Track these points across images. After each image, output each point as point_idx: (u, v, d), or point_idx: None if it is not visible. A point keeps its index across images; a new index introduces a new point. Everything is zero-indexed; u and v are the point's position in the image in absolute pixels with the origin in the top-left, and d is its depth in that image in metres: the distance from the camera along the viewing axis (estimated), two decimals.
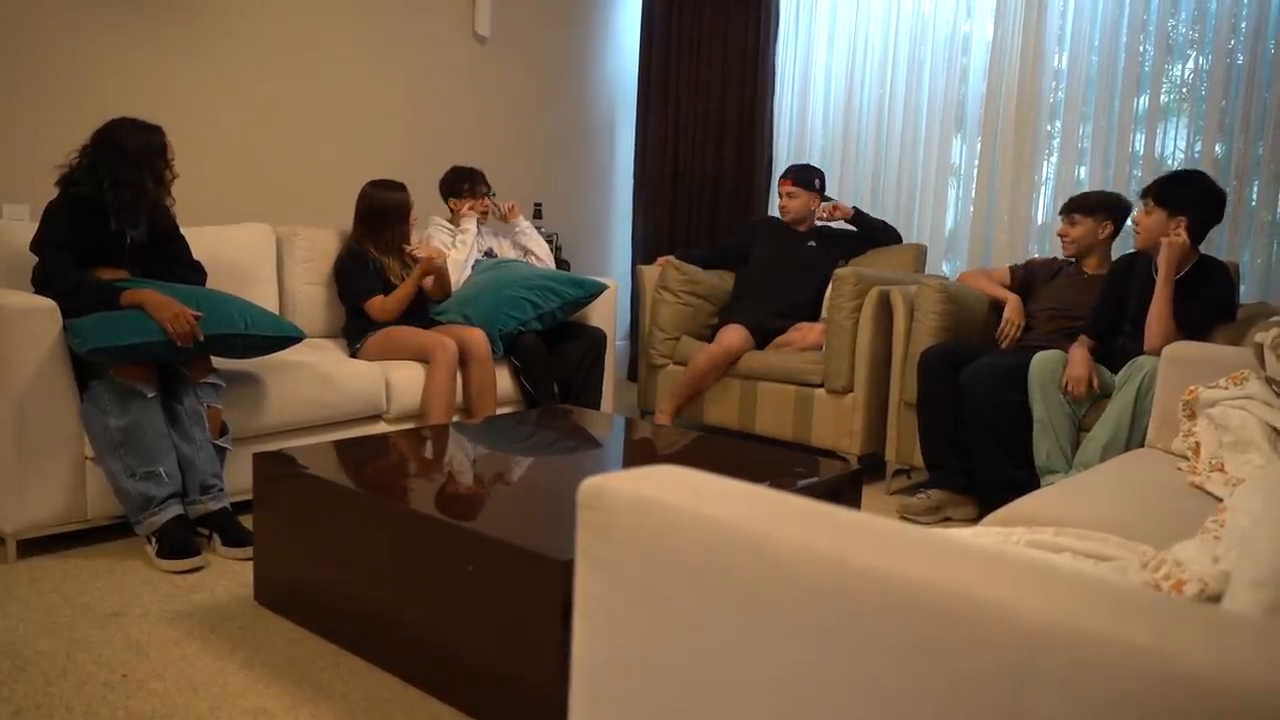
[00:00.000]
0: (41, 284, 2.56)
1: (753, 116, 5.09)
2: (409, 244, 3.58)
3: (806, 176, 4.14)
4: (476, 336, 3.39)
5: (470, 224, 3.89)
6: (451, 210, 3.99)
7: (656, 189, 5.38)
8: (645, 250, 5.35)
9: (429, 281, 3.59)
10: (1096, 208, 3.26)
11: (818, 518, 0.75)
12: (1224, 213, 2.92)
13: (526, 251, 4.05)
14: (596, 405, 3.76)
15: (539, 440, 2.62)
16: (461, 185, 3.94)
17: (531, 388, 3.55)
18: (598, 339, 3.77)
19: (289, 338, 2.76)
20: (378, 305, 3.45)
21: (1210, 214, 2.88)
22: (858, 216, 4.16)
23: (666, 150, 5.36)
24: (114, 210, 2.62)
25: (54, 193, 2.65)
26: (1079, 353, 2.94)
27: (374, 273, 3.48)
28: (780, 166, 5.02)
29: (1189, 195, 2.87)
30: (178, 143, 3.62)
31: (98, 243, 2.65)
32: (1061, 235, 3.33)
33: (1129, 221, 3.20)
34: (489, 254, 3.98)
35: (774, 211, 4.97)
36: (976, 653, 0.60)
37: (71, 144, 2.68)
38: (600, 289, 3.75)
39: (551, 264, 4.10)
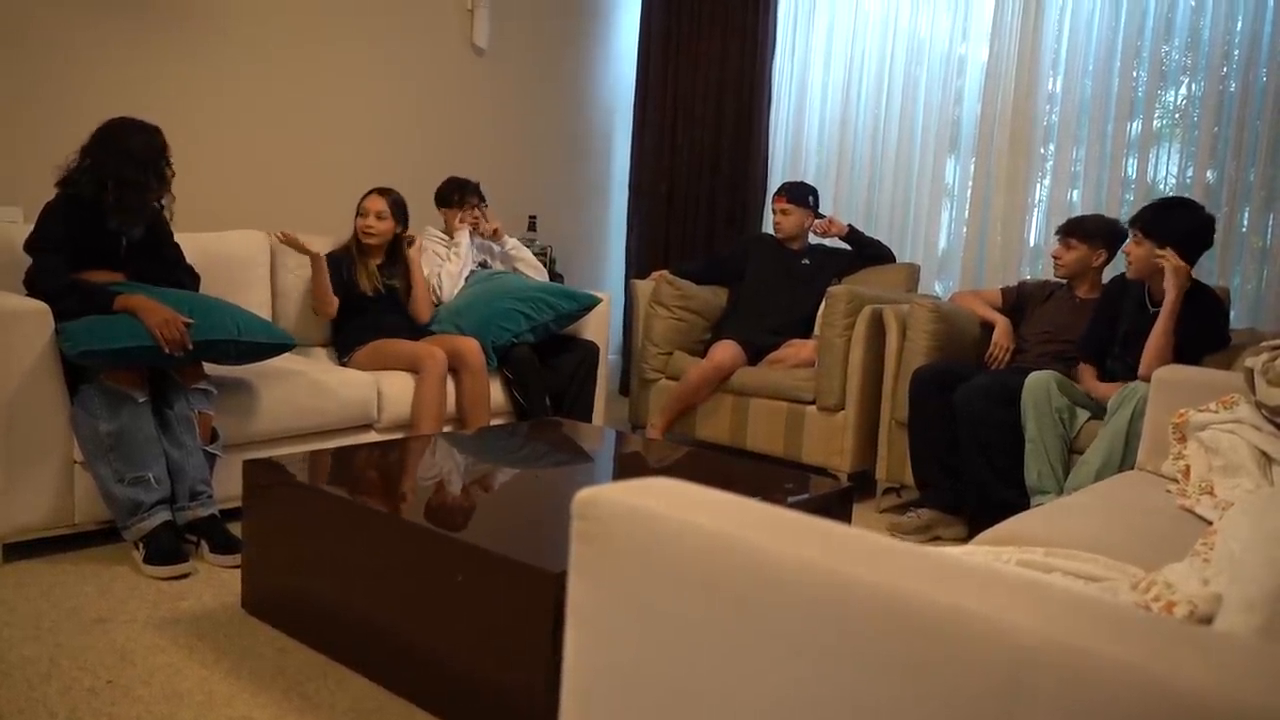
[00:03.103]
0: (34, 285, 2.55)
1: (749, 133, 5.10)
2: (374, 250, 3.58)
3: (800, 193, 4.16)
4: (471, 345, 3.39)
5: (463, 236, 3.89)
6: (445, 220, 3.99)
7: (651, 203, 5.39)
8: (639, 264, 5.36)
9: (420, 292, 3.61)
10: (1094, 235, 3.26)
11: (812, 532, 0.75)
12: (1213, 237, 2.93)
13: (516, 270, 4.04)
14: (588, 418, 3.76)
15: (530, 452, 2.62)
16: (452, 196, 3.95)
17: (524, 399, 3.55)
18: (590, 352, 3.77)
19: (281, 345, 2.75)
20: (319, 305, 3.46)
21: (1198, 240, 2.90)
22: (852, 234, 4.17)
23: (662, 165, 5.37)
24: (115, 211, 2.62)
25: (48, 194, 2.65)
26: (1098, 385, 2.98)
27: (341, 276, 3.47)
28: (775, 183, 5.03)
29: (1176, 224, 2.88)
30: (174, 150, 3.62)
31: (94, 245, 2.64)
32: (1055, 257, 3.33)
33: (1121, 251, 3.21)
34: (483, 265, 3.99)
35: (768, 228, 4.99)
36: (969, 668, 0.60)
37: (65, 148, 2.67)
38: (594, 302, 3.76)
39: (545, 279, 4.10)
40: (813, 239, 4.25)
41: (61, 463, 2.50)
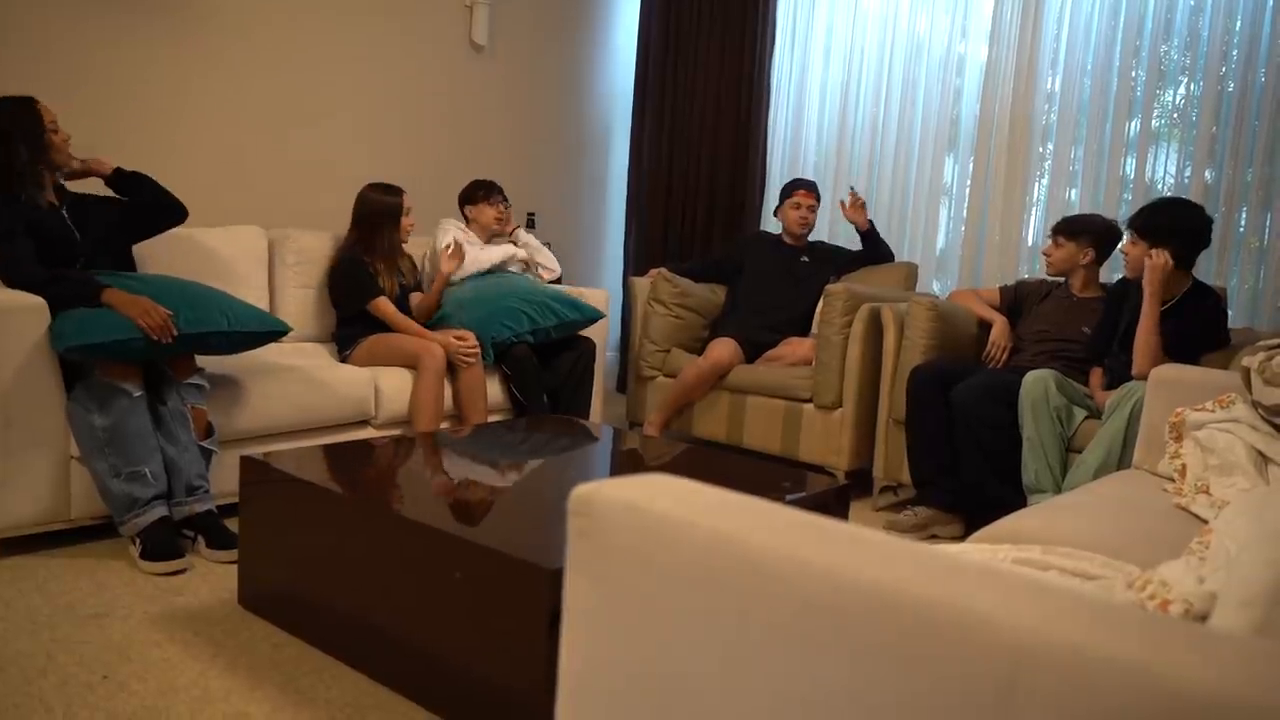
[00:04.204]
0: (12, 278, 2.52)
1: (748, 131, 5.10)
2: (402, 247, 3.61)
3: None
4: (466, 337, 3.40)
5: (447, 238, 3.86)
6: (466, 218, 4.00)
7: (650, 201, 5.39)
8: (637, 262, 5.36)
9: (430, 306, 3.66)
10: (1081, 232, 3.28)
11: (810, 529, 0.75)
12: (1210, 236, 2.93)
13: (530, 265, 4.05)
14: (586, 415, 3.76)
15: (527, 448, 2.62)
16: (477, 192, 3.98)
17: (522, 396, 3.56)
18: (587, 349, 3.77)
19: (273, 332, 2.74)
20: (389, 310, 3.44)
21: (1195, 240, 2.90)
22: (870, 230, 4.15)
23: (660, 162, 5.37)
24: (13, 190, 2.59)
25: None
26: (1100, 393, 2.98)
27: (359, 279, 3.48)
28: (774, 181, 5.03)
29: (1170, 224, 2.89)
30: (170, 146, 3.61)
31: (38, 221, 2.60)
32: (1045, 255, 3.36)
33: (1119, 251, 3.21)
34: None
35: (767, 225, 5.00)
36: (965, 665, 0.60)
37: None
38: (597, 316, 3.76)
39: (559, 271, 4.10)
40: (811, 237, 4.25)
41: (58, 458, 2.49)
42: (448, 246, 3.70)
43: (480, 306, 3.59)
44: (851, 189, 4.20)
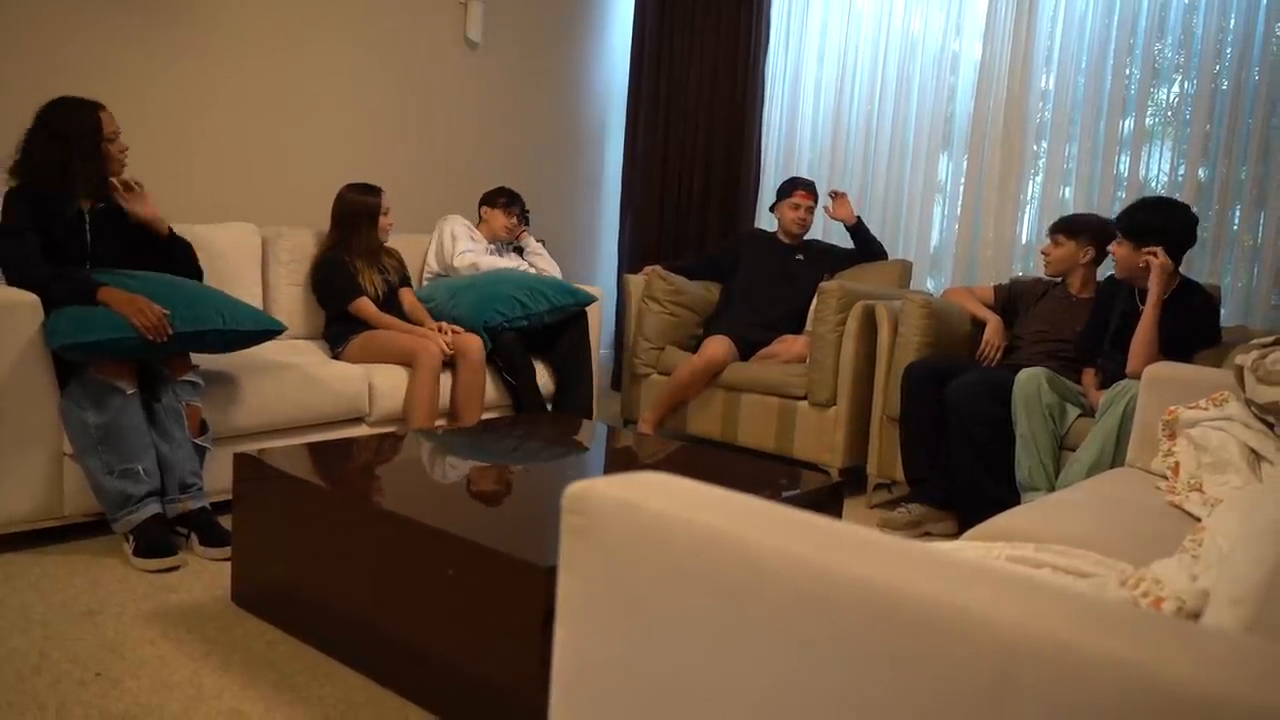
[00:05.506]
0: (12, 275, 2.51)
1: (742, 128, 5.10)
2: (383, 248, 3.63)
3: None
4: (473, 341, 3.42)
5: (454, 231, 3.90)
6: (480, 217, 4.06)
7: (644, 198, 5.39)
8: (632, 259, 5.35)
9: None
10: (1080, 231, 3.28)
11: (803, 526, 0.75)
12: (1195, 234, 2.95)
13: (534, 267, 4.09)
14: (590, 389, 3.78)
15: (521, 446, 2.62)
16: (499, 198, 4.04)
17: (512, 378, 3.57)
18: (581, 324, 3.80)
19: (268, 331, 2.73)
20: (371, 311, 3.44)
21: (1177, 238, 2.91)
22: (858, 226, 4.17)
23: (655, 160, 5.36)
24: (48, 188, 2.58)
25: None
26: (1094, 392, 2.98)
27: (350, 277, 3.48)
28: (769, 179, 5.03)
29: (1155, 224, 2.90)
30: (166, 143, 3.60)
31: (56, 227, 2.59)
32: (1044, 254, 3.36)
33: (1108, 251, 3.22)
34: None
35: (761, 223, 5.00)
36: (958, 662, 0.60)
37: None
38: (589, 300, 3.78)
39: (558, 277, 4.13)
40: (806, 235, 4.26)
41: (51, 455, 2.49)
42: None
43: (475, 291, 3.62)
44: (831, 191, 4.23)
